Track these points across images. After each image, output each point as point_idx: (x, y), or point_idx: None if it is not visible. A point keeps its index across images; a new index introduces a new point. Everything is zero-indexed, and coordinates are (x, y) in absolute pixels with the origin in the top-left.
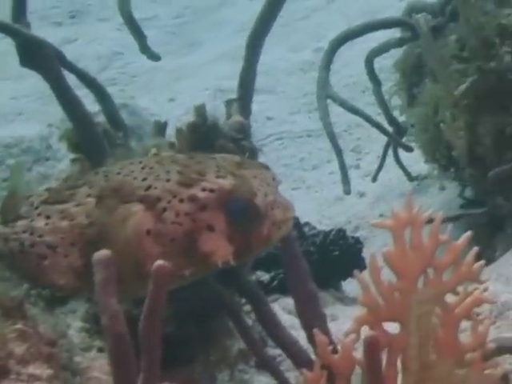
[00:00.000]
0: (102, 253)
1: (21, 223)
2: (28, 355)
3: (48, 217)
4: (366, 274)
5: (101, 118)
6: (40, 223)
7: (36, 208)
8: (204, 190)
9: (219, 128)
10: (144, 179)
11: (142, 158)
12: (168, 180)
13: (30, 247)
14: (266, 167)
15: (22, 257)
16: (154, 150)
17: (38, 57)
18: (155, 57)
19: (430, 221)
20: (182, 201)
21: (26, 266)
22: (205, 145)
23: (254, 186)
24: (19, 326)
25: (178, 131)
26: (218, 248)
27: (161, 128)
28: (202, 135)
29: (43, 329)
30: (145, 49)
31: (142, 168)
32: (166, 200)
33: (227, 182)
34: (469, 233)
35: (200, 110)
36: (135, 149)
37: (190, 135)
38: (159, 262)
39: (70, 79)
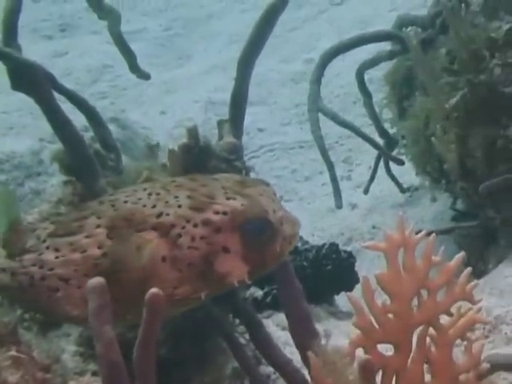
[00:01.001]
0: (96, 280)
1: (29, 257)
2: (22, 382)
3: (57, 249)
4: (359, 296)
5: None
6: (50, 256)
7: (44, 241)
8: (217, 212)
9: (211, 149)
10: (153, 206)
11: (145, 184)
12: (179, 206)
13: (41, 280)
14: (267, 184)
15: (31, 290)
16: (146, 173)
17: (29, 80)
18: (145, 76)
19: (429, 233)
20: (196, 225)
21: (37, 299)
22: (197, 166)
23: (263, 205)
24: (13, 352)
25: (171, 153)
26: (234, 269)
27: (153, 149)
28: (195, 156)
29: (37, 354)
30: (134, 68)
31: (149, 194)
32: (180, 226)
33: (238, 204)
34: (462, 253)
35: (192, 132)
36: (127, 170)
37: (182, 157)
38: (153, 290)
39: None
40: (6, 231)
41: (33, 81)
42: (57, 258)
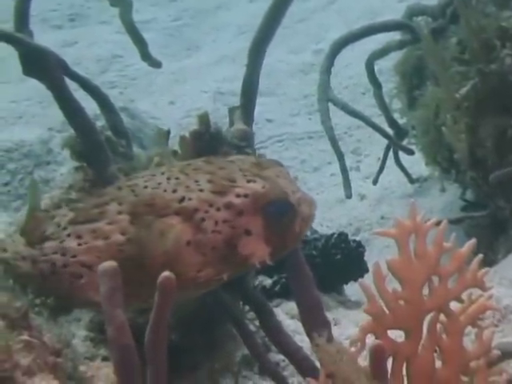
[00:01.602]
0: (108, 264)
1: (49, 244)
2: (34, 366)
3: (79, 237)
4: (369, 282)
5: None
6: (72, 243)
7: (64, 228)
8: (238, 196)
9: (222, 136)
10: (174, 191)
11: (161, 168)
12: (201, 190)
13: (63, 267)
14: (281, 164)
15: (53, 277)
16: (156, 159)
17: (41, 66)
18: (156, 64)
19: (439, 223)
20: (219, 209)
21: (58, 286)
22: (208, 153)
23: (282, 186)
24: (25, 336)
25: (182, 139)
26: (256, 250)
27: (164, 136)
28: (206, 143)
29: (48, 338)
30: (146, 56)
31: (168, 179)
32: (203, 210)
33: (259, 186)
34: (473, 240)
35: (203, 118)
36: (138, 156)
37: (193, 143)
38: (165, 274)
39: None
40: (24, 219)
41: (44, 67)
42: (79, 245)
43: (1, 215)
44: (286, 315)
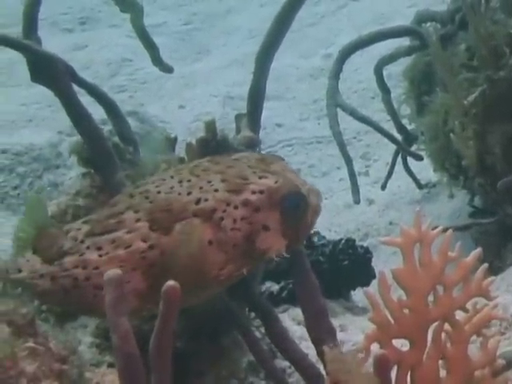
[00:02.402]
0: (112, 272)
1: (69, 259)
2: (39, 373)
3: (99, 248)
4: (374, 291)
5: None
6: (93, 256)
7: (82, 242)
8: (254, 192)
9: (229, 143)
10: (189, 193)
11: (169, 172)
12: (216, 190)
13: (86, 280)
14: (282, 159)
15: (75, 292)
16: (164, 166)
17: (49, 73)
18: (168, 69)
19: (445, 231)
20: (236, 207)
21: (81, 300)
22: None
23: (293, 179)
24: (30, 343)
25: (188, 146)
26: (274, 244)
27: (171, 143)
28: (212, 150)
29: (54, 345)
30: (157, 61)
31: (180, 182)
32: (221, 209)
33: (272, 181)
34: (479, 249)
35: (210, 126)
36: (144, 162)
37: (200, 150)
38: (169, 283)
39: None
40: (34, 237)
41: (52, 73)
42: (100, 256)
43: (10, 219)
44: (293, 321)
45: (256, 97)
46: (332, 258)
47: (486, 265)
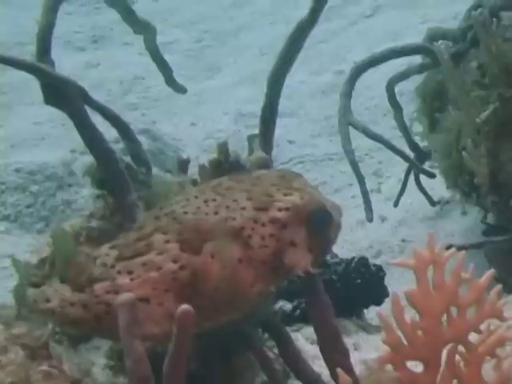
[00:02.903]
0: (126, 296)
1: (100, 286)
2: None
3: (131, 272)
4: (387, 312)
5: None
6: (124, 280)
7: (112, 267)
8: (280, 209)
9: (241, 164)
10: (216, 213)
11: (192, 192)
12: (243, 208)
13: None
14: (301, 175)
15: (108, 318)
16: (176, 188)
17: (62, 95)
18: (181, 89)
19: (459, 249)
20: (264, 225)
21: (114, 326)
22: None
23: (316, 195)
24: (44, 367)
25: (201, 168)
26: (301, 260)
27: (183, 165)
28: (225, 172)
29: (68, 367)
30: (171, 81)
31: (205, 202)
32: (249, 227)
33: (297, 198)
34: (492, 270)
35: (222, 147)
36: (157, 184)
37: (212, 172)
38: (183, 307)
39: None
40: (62, 268)
41: (65, 96)
42: (132, 280)
43: (24, 237)
44: (306, 340)
45: (268, 117)
46: (345, 276)
47: (499, 286)
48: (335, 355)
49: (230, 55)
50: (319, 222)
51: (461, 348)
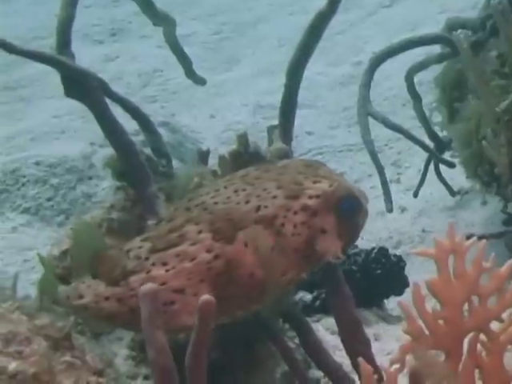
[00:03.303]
0: (148, 286)
1: (135, 278)
2: None
3: (165, 263)
4: (409, 302)
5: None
6: (159, 271)
7: (146, 259)
8: (311, 197)
9: (261, 155)
10: (247, 202)
11: (222, 183)
12: (274, 197)
13: None
14: (324, 164)
15: None
16: (196, 179)
17: (82, 88)
18: (200, 81)
19: (480, 239)
20: (295, 213)
21: None
22: None
23: (344, 182)
24: (67, 357)
25: (221, 159)
26: (332, 246)
27: (203, 156)
28: (245, 162)
29: (90, 358)
30: (190, 73)
31: (235, 192)
32: (281, 215)
33: (326, 185)
34: None
35: (242, 138)
36: (178, 176)
37: (232, 163)
38: (205, 297)
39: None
40: (93, 262)
41: (85, 88)
42: (167, 271)
43: (44, 229)
44: (327, 331)
45: (288, 108)
46: (365, 266)
47: None
48: (356, 345)
49: (249, 47)
50: (349, 209)
51: (482, 337)
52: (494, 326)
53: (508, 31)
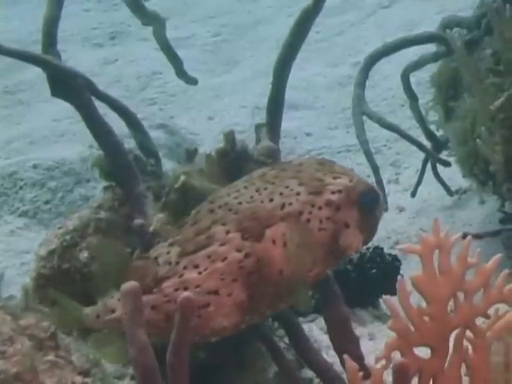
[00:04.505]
0: (130, 284)
1: (168, 284)
2: None
3: (197, 266)
4: (394, 299)
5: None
6: (192, 275)
7: (177, 263)
8: (333, 192)
9: (248, 153)
10: (271, 200)
11: (241, 184)
12: (298, 193)
13: None
14: (333, 161)
15: None
16: (182, 177)
17: (69, 87)
18: (192, 81)
19: (477, 236)
20: (320, 208)
21: None
22: (234, 170)
23: (361, 177)
24: (51, 357)
25: (208, 157)
26: (354, 241)
27: (190, 155)
28: (232, 161)
29: (76, 358)
30: (181, 73)
31: (257, 191)
32: (307, 211)
33: (346, 181)
34: (499, 255)
35: (229, 136)
36: (166, 175)
37: (219, 161)
38: (185, 295)
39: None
40: (119, 277)
41: (72, 88)
42: (200, 273)
43: (42, 232)
44: (321, 330)
45: (275, 107)
46: (360, 266)
47: (506, 271)
48: (344, 343)
49: (248, 49)
50: (369, 202)
51: (469, 333)
52: (481, 322)
53: (502, 28)
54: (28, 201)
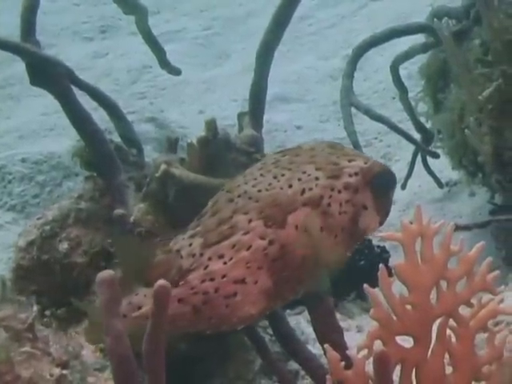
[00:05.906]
0: (105, 273)
1: (194, 276)
2: (36, 377)
3: (221, 256)
4: (375, 287)
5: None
6: (217, 265)
7: (201, 255)
8: (350, 175)
9: (231, 142)
10: (290, 186)
11: (257, 172)
12: (317, 178)
13: (215, 292)
14: (340, 144)
15: (206, 307)
16: (163, 166)
17: (47, 75)
18: (175, 71)
19: (466, 227)
20: (339, 191)
21: (212, 315)
22: (216, 159)
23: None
24: (27, 348)
25: (189, 146)
26: (372, 222)
27: (172, 144)
28: (214, 149)
29: (55, 350)
30: (164, 64)
31: (275, 178)
32: (327, 196)
33: (361, 163)
34: (482, 243)
35: (210, 125)
36: (149, 164)
37: (201, 150)
38: (160, 282)
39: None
40: (143, 273)
41: (52, 76)
42: (225, 263)
43: None
44: (308, 323)
45: (258, 95)
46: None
47: (489, 259)
48: (328, 333)
49: (239, 42)
50: (384, 183)
51: (452, 322)
52: (464, 311)
53: (490, 18)
54: (16, 195)
